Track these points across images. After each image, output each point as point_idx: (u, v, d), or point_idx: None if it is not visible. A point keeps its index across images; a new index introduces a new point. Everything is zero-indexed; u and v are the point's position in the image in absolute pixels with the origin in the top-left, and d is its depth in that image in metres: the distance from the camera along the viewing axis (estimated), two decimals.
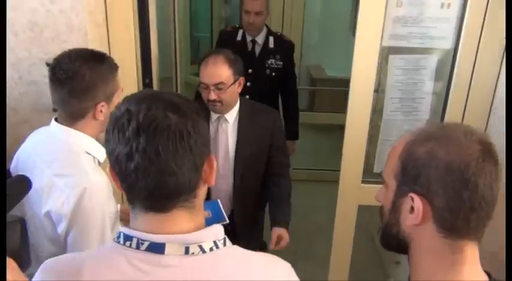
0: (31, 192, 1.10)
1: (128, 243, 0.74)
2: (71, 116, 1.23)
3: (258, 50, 2.69)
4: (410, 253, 0.80)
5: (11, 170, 1.28)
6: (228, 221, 1.71)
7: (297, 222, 2.22)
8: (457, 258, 0.75)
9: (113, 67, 1.26)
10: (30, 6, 1.53)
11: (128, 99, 0.75)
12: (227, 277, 0.77)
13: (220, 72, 1.77)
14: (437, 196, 0.72)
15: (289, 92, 2.82)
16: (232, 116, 1.90)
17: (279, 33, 2.78)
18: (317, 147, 4.32)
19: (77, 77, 1.16)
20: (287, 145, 2.90)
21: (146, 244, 0.73)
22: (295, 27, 3.62)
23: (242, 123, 1.91)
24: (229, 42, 2.70)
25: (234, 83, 1.81)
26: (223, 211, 1.74)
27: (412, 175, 0.75)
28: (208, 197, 1.91)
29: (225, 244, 0.79)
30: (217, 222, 1.66)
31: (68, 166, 1.19)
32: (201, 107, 0.79)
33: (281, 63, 2.69)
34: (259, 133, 1.92)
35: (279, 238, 1.90)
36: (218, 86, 1.77)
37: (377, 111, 1.90)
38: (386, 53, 1.81)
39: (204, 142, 0.76)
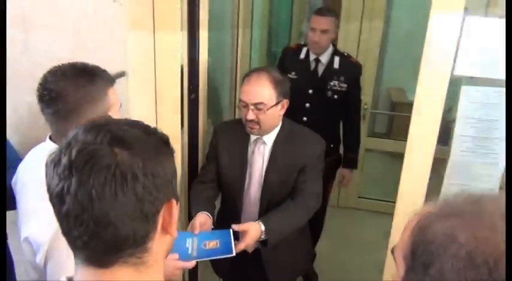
0: (19, 214, 1.03)
1: None
2: (61, 136, 1.14)
3: (321, 69, 2.52)
4: None
5: (12, 185, 1.23)
6: (234, 254, 1.51)
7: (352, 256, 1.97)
8: None
9: (106, 84, 1.17)
10: (75, 14, 1.52)
11: (80, 126, 0.63)
12: None
13: (261, 91, 1.63)
14: None
15: (351, 117, 2.60)
16: (271, 138, 1.75)
17: (345, 54, 2.58)
18: (390, 177, 3.98)
19: (60, 99, 1.08)
20: (343, 173, 2.71)
21: None
22: (372, 46, 3.37)
23: (276, 147, 1.74)
24: (292, 60, 2.57)
25: (276, 104, 1.66)
26: (232, 243, 1.54)
27: (421, 261, 0.56)
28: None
29: None
30: (223, 255, 1.50)
31: None
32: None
33: (345, 85, 2.49)
34: (292, 160, 1.72)
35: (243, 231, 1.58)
36: (258, 106, 1.63)
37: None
38: (458, 83, 1.55)
39: (158, 186, 0.61)
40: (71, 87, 1.10)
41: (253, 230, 1.56)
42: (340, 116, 2.61)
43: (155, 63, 1.72)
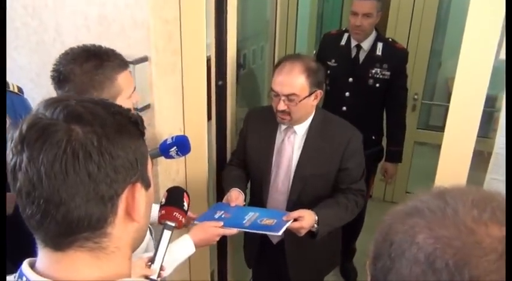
0: None
1: None
2: None
3: (362, 56, 2.38)
4: None
5: None
6: (279, 234, 1.47)
7: None
8: None
9: (115, 69, 1.16)
10: (100, 0, 1.53)
11: (42, 102, 0.60)
12: None
13: (294, 82, 1.55)
14: None
15: (394, 108, 2.44)
16: (302, 128, 1.68)
17: (390, 39, 2.42)
18: None
19: (68, 81, 1.10)
20: (386, 167, 2.56)
21: None
22: (425, 31, 3.14)
23: (310, 138, 1.67)
24: (332, 47, 2.46)
25: (309, 95, 1.58)
26: (285, 226, 1.48)
27: (380, 267, 0.48)
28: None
29: None
30: (271, 232, 1.47)
31: None
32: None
33: (388, 73, 2.33)
34: (329, 151, 1.65)
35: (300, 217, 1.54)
36: (290, 97, 1.56)
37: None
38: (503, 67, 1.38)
39: (117, 167, 0.58)
40: (78, 71, 1.11)
41: (308, 217, 1.53)
42: (383, 106, 2.46)
43: (181, 49, 1.70)
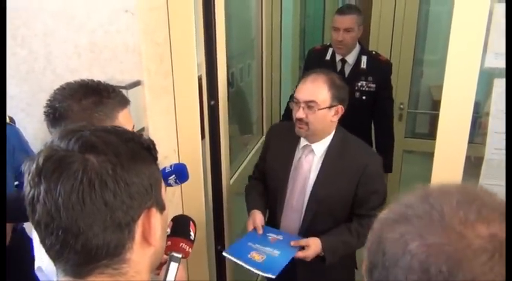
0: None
1: None
2: None
3: (347, 70, 2.44)
4: None
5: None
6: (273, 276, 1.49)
7: None
8: None
9: (116, 106, 1.11)
10: (91, 26, 1.54)
11: (57, 133, 0.61)
12: None
13: (316, 90, 1.60)
14: None
15: (382, 119, 2.49)
16: (320, 148, 1.67)
17: (373, 52, 2.48)
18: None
19: (65, 118, 1.03)
20: None
21: None
22: (406, 42, 3.22)
23: (328, 159, 1.67)
24: (317, 62, 2.50)
25: (329, 107, 1.60)
26: (283, 266, 1.52)
27: (376, 277, 0.49)
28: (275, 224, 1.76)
29: None
30: (265, 271, 1.50)
31: None
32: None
33: (374, 85, 2.39)
34: (346, 175, 1.64)
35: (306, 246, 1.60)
36: (309, 104, 1.59)
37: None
38: (490, 75, 1.43)
39: (133, 194, 0.59)
40: (76, 107, 1.05)
41: (313, 246, 1.58)
42: (371, 118, 2.50)
43: (173, 70, 1.72)
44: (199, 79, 1.80)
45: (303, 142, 1.70)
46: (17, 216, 1.26)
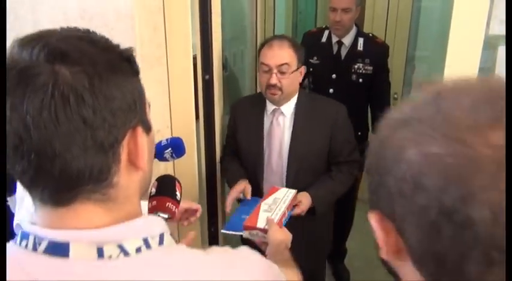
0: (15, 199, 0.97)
1: (24, 242, 0.53)
2: None
3: (344, 52, 2.39)
4: None
5: None
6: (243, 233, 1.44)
7: None
8: None
9: None
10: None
11: (15, 41, 0.52)
12: None
13: (285, 54, 1.65)
14: (407, 227, 0.41)
15: (379, 102, 2.44)
16: (289, 109, 1.74)
17: (370, 35, 2.44)
18: None
19: None
20: None
21: (44, 243, 0.52)
22: (401, 28, 3.20)
23: (299, 117, 1.73)
24: (313, 45, 2.46)
25: (296, 70, 1.68)
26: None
27: (371, 182, 0.45)
28: (259, 194, 1.72)
29: (161, 243, 0.55)
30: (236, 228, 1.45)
31: None
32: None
33: (370, 68, 2.35)
34: (318, 128, 1.71)
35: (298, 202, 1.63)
36: (281, 69, 1.63)
37: None
38: (494, 43, 1.39)
39: (115, 110, 0.52)
40: None
41: (305, 201, 1.64)
42: (368, 101, 2.46)
43: (166, 42, 1.65)
44: (194, 58, 1.74)
45: (269, 107, 1.75)
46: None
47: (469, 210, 0.35)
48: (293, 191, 1.60)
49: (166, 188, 1.10)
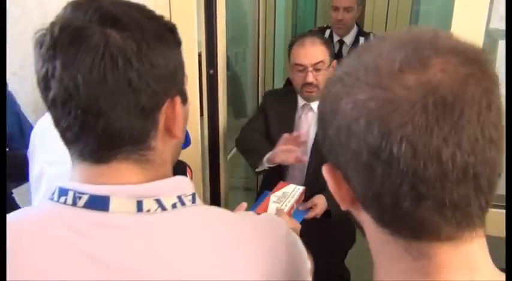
0: (30, 182, 0.97)
1: (62, 198, 0.55)
2: None
3: (345, 51, 2.43)
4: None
5: (28, 155, 1.15)
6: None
7: None
8: (423, 265, 0.43)
9: None
10: None
11: (69, 4, 0.54)
12: (198, 244, 0.55)
13: (319, 51, 1.65)
14: (350, 173, 0.44)
15: None
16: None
17: (371, 34, 2.48)
18: None
19: None
20: None
21: (85, 197, 0.54)
22: (401, 26, 3.23)
23: None
24: None
25: (329, 65, 1.67)
26: None
27: (320, 141, 0.48)
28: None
29: (194, 202, 0.57)
30: None
31: (62, 151, 0.99)
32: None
33: None
34: None
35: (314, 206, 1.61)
36: (317, 66, 1.62)
37: None
38: (494, 37, 1.42)
39: (158, 77, 0.53)
40: None
41: (320, 203, 1.60)
42: None
43: None
44: (199, 55, 1.76)
45: (300, 101, 1.76)
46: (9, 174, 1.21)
47: (390, 146, 0.38)
48: (301, 188, 1.59)
49: (178, 172, 1.12)
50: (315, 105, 1.72)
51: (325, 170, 0.49)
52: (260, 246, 0.58)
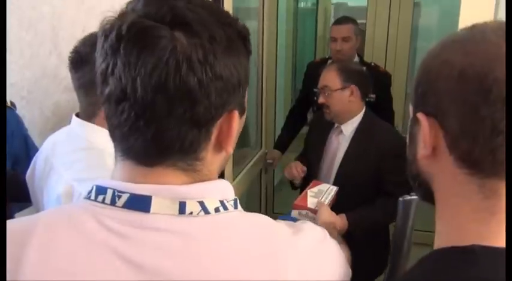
0: (49, 202, 0.94)
1: (100, 197, 0.53)
2: (84, 111, 1.05)
3: None
4: (436, 202, 0.55)
5: (26, 179, 1.14)
6: None
7: None
8: (492, 205, 0.48)
9: None
10: (102, 9, 1.52)
11: None
12: (242, 252, 0.53)
13: (327, 76, 1.82)
14: (449, 116, 0.49)
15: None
16: (349, 128, 1.84)
17: (373, 64, 2.52)
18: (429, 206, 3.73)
19: (87, 64, 0.98)
20: None
21: (125, 197, 0.51)
22: (400, 59, 3.31)
23: (356, 139, 1.82)
24: (317, 74, 2.50)
25: (342, 89, 1.76)
26: None
27: (420, 92, 0.53)
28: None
29: (236, 207, 0.56)
30: None
31: (90, 169, 0.96)
32: None
33: (373, 96, 2.39)
34: (371, 155, 1.76)
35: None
36: (323, 90, 1.80)
37: None
38: None
39: (219, 89, 0.51)
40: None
41: (339, 223, 1.60)
42: None
43: None
44: None
45: (336, 124, 1.87)
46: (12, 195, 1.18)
47: (503, 90, 0.44)
48: (335, 188, 1.63)
49: None
50: (344, 127, 1.83)
51: (420, 116, 0.51)
52: (309, 261, 0.58)
